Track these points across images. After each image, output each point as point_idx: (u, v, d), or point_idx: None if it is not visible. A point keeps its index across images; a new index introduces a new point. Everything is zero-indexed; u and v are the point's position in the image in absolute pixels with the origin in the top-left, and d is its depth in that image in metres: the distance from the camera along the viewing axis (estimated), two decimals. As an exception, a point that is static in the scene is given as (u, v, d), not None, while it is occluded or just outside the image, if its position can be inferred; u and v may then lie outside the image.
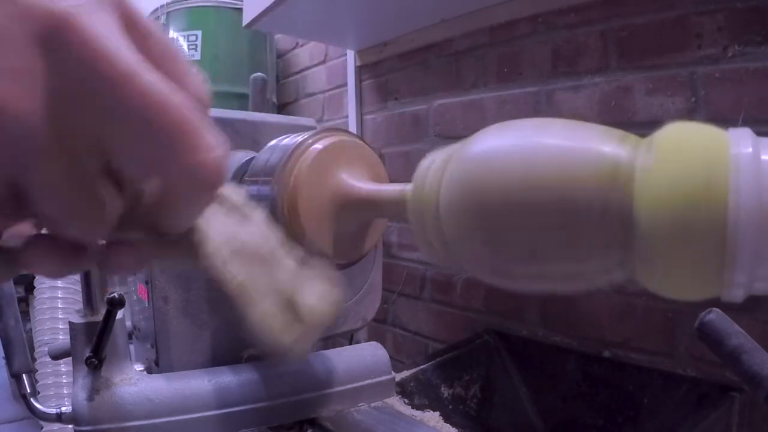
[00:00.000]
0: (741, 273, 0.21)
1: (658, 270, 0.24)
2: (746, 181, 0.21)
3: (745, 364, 0.37)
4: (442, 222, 0.31)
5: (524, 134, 0.28)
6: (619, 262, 0.25)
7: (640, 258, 0.24)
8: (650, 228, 0.23)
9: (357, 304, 0.67)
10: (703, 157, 0.22)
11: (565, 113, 0.82)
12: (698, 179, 0.22)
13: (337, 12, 1.00)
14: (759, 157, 0.22)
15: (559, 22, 0.83)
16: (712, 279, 0.22)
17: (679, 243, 0.22)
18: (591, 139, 0.26)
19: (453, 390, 0.78)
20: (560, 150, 0.26)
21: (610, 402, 0.73)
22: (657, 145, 0.24)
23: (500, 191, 0.27)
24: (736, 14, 0.64)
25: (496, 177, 0.27)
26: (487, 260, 0.29)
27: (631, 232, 0.24)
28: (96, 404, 0.45)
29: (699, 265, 0.22)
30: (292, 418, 0.53)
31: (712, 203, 0.21)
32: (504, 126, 0.30)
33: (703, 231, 0.22)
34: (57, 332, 1.07)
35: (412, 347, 1.14)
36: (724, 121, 0.62)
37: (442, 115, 1.05)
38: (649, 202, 0.23)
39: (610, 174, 0.25)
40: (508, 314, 0.93)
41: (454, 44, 1.01)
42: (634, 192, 0.24)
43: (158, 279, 0.53)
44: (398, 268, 1.15)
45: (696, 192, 0.22)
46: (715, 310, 0.41)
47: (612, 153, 0.25)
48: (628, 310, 0.76)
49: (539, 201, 0.26)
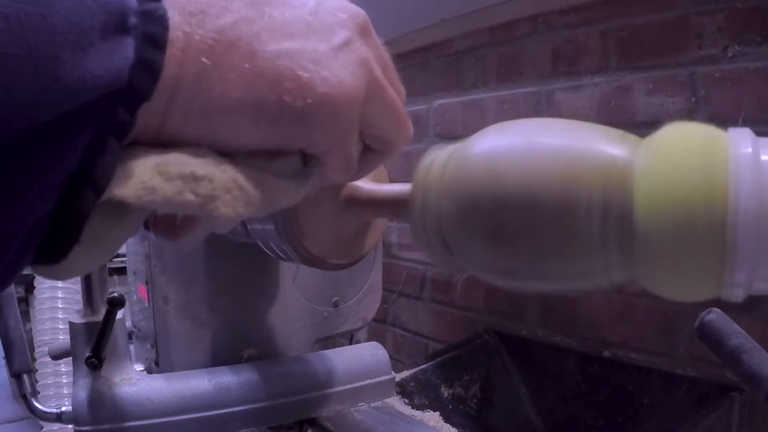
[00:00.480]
0: (741, 273, 0.21)
1: (658, 270, 0.24)
2: (746, 181, 0.21)
3: (745, 364, 0.37)
4: (443, 223, 0.31)
5: (524, 134, 0.28)
6: (619, 263, 0.25)
7: (639, 258, 0.24)
8: (650, 228, 0.23)
9: (357, 304, 0.67)
10: (702, 157, 0.22)
11: (565, 113, 0.82)
12: (698, 179, 0.22)
13: (337, 12, 1.00)
14: (759, 157, 0.22)
15: (559, 22, 0.83)
16: (711, 279, 0.22)
17: (678, 243, 0.22)
18: (591, 140, 0.26)
19: (453, 390, 0.78)
20: (560, 150, 0.26)
21: (610, 402, 0.73)
22: (657, 146, 0.24)
23: (500, 192, 0.27)
24: (736, 14, 0.64)
25: (495, 177, 0.27)
26: (487, 260, 0.29)
27: (631, 232, 0.24)
28: (96, 404, 0.45)
29: (699, 265, 0.22)
30: (292, 418, 0.53)
31: (712, 203, 0.21)
32: (503, 126, 0.30)
33: (703, 231, 0.22)
34: (57, 332, 1.07)
35: (412, 347, 1.14)
36: (724, 121, 0.62)
37: (442, 115, 1.05)
38: (649, 203, 0.23)
39: (610, 174, 0.25)
40: (508, 314, 0.93)
41: (454, 44, 1.01)
42: (634, 192, 0.24)
43: (158, 279, 0.53)
44: (398, 268, 1.15)
45: (696, 192, 0.22)
46: (715, 310, 0.41)
47: (612, 153, 0.25)
48: (628, 310, 0.76)
49: (539, 201, 0.26)
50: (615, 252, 0.25)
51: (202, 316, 0.55)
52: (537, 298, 0.88)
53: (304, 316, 0.62)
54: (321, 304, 0.63)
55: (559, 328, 0.85)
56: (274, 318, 0.59)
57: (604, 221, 0.24)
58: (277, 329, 0.59)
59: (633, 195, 0.24)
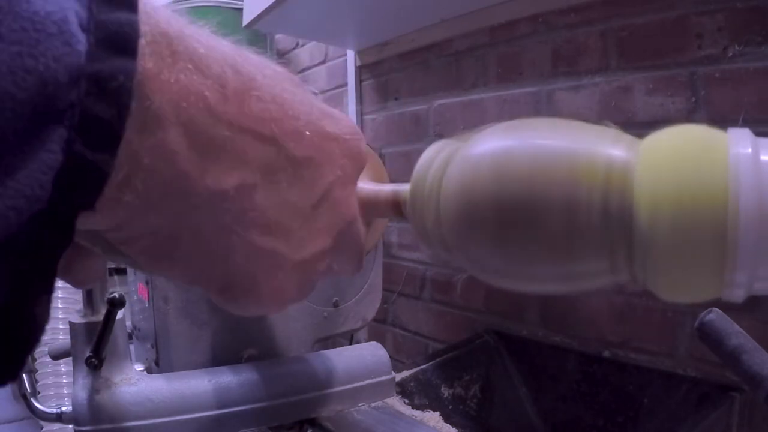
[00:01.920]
0: (741, 273, 0.21)
1: (658, 271, 0.24)
2: (746, 181, 0.21)
3: (745, 364, 0.37)
4: (443, 224, 0.31)
5: (523, 135, 0.28)
6: (619, 264, 0.25)
7: (639, 259, 0.24)
8: (649, 229, 0.23)
9: (357, 304, 0.67)
10: (702, 157, 0.22)
11: (565, 113, 0.82)
12: (698, 179, 0.22)
13: (337, 12, 1.00)
14: (759, 157, 0.22)
15: (559, 22, 0.83)
16: (712, 279, 0.22)
17: (678, 243, 0.22)
18: (590, 140, 0.26)
19: (453, 390, 0.78)
20: (559, 150, 0.26)
21: (610, 402, 0.73)
22: (656, 146, 0.24)
23: (499, 192, 0.27)
24: (736, 14, 0.64)
25: (495, 178, 0.27)
26: (486, 261, 0.29)
27: (630, 233, 0.24)
28: (96, 404, 0.45)
29: (699, 265, 0.22)
30: (292, 418, 0.53)
31: (712, 203, 0.21)
32: (502, 126, 0.30)
33: (703, 231, 0.22)
34: (57, 332, 1.07)
35: (412, 347, 1.14)
36: (724, 121, 0.62)
37: (442, 115, 1.05)
38: (649, 203, 0.23)
39: (610, 174, 0.25)
40: (508, 314, 0.93)
41: (454, 44, 1.01)
42: (634, 193, 0.24)
43: (158, 279, 0.53)
44: (398, 268, 1.15)
45: (696, 192, 0.22)
46: (715, 310, 0.41)
47: (611, 153, 0.25)
48: (628, 310, 0.76)
49: (538, 202, 0.26)
50: (614, 253, 0.25)
51: (202, 316, 0.55)
52: (537, 298, 0.88)
53: (304, 316, 0.62)
54: (321, 304, 0.63)
55: (559, 328, 0.85)
56: (274, 318, 0.59)
57: (604, 222, 0.24)
58: (277, 329, 0.59)
59: (632, 195, 0.24)
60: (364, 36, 1.15)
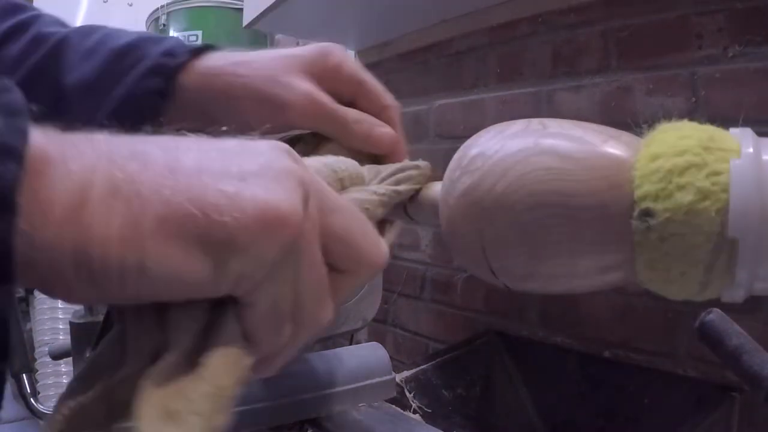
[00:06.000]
0: (741, 273, 0.21)
1: (658, 270, 0.24)
2: (747, 181, 0.21)
3: (746, 365, 0.37)
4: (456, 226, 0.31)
5: (523, 135, 0.28)
6: (620, 263, 0.25)
7: (640, 258, 0.24)
8: (649, 228, 0.23)
9: (357, 304, 0.67)
10: (703, 156, 0.22)
11: (565, 113, 0.82)
12: (699, 179, 0.22)
13: (337, 12, 1.00)
14: (759, 157, 0.22)
15: (560, 22, 0.83)
16: (712, 278, 0.22)
17: (678, 243, 0.22)
18: (590, 139, 0.26)
19: (453, 390, 0.77)
20: (559, 150, 0.26)
21: (610, 402, 0.73)
22: (656, 146, 0.24)
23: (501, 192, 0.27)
24: (737, 14, 0.64)
25: (496, 178, 0.27)
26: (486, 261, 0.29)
27: (630, 232, 0.24)
28: (96, 404, 0.45)
29: (699, 265, 0.22)
30: (293, 418, 0.53)
31: (712, 203, 0.21)
32: (503, 126, 0.30)
33: (704, 231, 0.22)
34: (57, 332, 1.07)
35: (412, 347, 1.14)
36: (724, 121, 0.62)
37: (443, 115, 1.05)
38: (648, 203, 0.23)
39: (610, 174, 0.25)
40: (508, 314, 0.93)
41: (454, 44, 1.01)
42: (634, 192, 0.24)
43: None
44: (398, 268, 1.15)
45: (696, 192, 0.22)
46: (715, 311, 0.41)
47: (611, 153, 0.25)
48: (628, 310, 0.76)
49: (540, 201, 0.26)
50: (615, 252, 0.25)
51: (202, 316, 0.55)
52: (537, 298, 0.88)
53: (304, 316, 0.62)
54: (321, 304, 0.63)
55: (559, 328, 0.84)
56: (274, 318, 0.59)
57: (604, 221, 0.24)
58: (277, 329, 0.59)
59: (633, 195, 0.24)
60: (364, 36, 1.15)
